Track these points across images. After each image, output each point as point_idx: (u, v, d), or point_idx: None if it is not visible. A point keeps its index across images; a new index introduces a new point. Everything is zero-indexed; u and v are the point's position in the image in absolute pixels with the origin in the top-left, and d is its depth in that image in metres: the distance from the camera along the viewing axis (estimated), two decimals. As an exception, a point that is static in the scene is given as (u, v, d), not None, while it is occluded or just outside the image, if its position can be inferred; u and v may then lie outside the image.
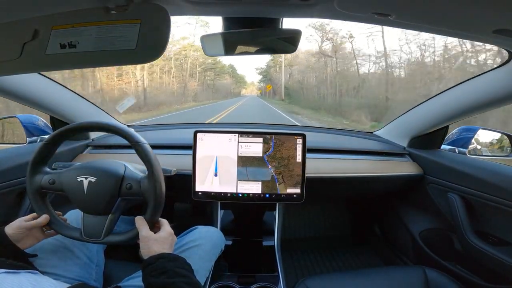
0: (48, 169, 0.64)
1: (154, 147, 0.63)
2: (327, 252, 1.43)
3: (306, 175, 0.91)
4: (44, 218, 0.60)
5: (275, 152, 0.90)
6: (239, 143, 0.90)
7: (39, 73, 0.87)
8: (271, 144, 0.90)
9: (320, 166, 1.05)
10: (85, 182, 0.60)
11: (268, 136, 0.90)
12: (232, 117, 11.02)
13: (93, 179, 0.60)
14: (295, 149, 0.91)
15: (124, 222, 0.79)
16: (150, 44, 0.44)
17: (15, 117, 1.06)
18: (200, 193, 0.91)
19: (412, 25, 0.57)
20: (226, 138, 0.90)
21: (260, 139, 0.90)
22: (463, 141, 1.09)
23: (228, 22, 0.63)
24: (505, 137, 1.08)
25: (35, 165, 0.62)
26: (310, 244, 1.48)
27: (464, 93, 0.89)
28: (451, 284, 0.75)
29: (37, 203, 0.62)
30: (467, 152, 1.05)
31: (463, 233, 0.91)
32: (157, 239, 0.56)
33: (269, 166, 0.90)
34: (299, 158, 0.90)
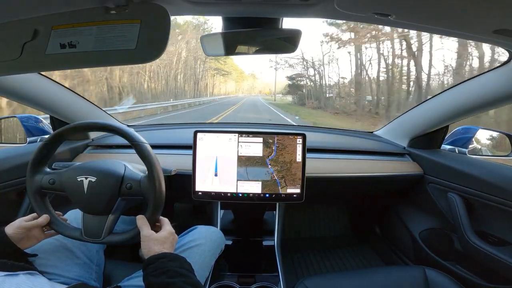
0: (48, 169, 0.64)
1: (154, 147, 0.63)
2: (327, 252, 1.43)
3: (306, 175, 0.90)
4: (44, 218, 0.60)
5: (278, 156, 0.90)
6: (239, 143, 0.90)
7: (39, 73, 0.87)
8: (273, 148, 0.90)
9: (320, 166, 1.05)
10: (85, 182, 0.60)
11: (270, 140, 0.90)
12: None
13: (93, 179, 0.60)
14: (295, 149, 0.91)
15: (124, 222, 0.79)
16: (150, 44, 0.44)
17: (15, 117, 1.06)
18: (200, 193, 0.91)
19: (412, 25, 0.57)
20: (226, 138, 0.90)
21: (260, 139, 0.90)
22: (463, 141, 1.09)
23: (228, 22, 0.63)
24: (505, 137, 1.08)
25: (35, 165, 0.62)
26: (310, 244, 1.48)
27: (464, 93, 0.89)
28: (451, 284, 0.75)
29: (37, 203, 0.62)
30: (467, 152, 1.05)
31: (463, 233, 0.91)
32: (158, 239, 0.56)
33: (269, 166, 0.90)
34: (299, 158, 0.90)
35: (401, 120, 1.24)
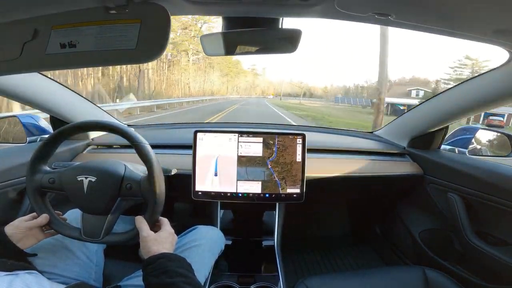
0: (48, 169, 0.64)
1: (154, 146, 0.63)
2: (327, 252, 1.43)
3: (306, 175, 0.90)
4: (43, 217, 0.60)
5: (279, 157, 0.90)
6: (239, 143, 0.90)
7: (39, 73, 0.86)
8: (274, 150, 0.90)
9: (321, 166, 1.05)
10: (85, 182, 0.59)
11: (270, 141, 0.90)
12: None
13: (93, 179, 0.60)
14: (296, 149, 0.90)
15: (124, 222, 0.79)
16: (150, 44, 0.44)
17: (15, 116, 1.06)
18: (200, 193, 0.90)
19: (412, 25, 0.57)
20: (226, 138, 0.90)
21: (260, 139, 0.90)
22: (463, 141, 1.09)
23: (228, 22, 0.63)
24: (505, 137, 1.08)
25: (35, 164, 0.62)
26: (310, 244, 1.48)
27: (464, 93, 0.89)
28: (451, 284, 0.75)
29: (37, 202, 0.62)
30: (467, 152, 1.05)
31: (463, 233, 0.91)
32: (157, 239, 0.56)
33: (270, 167, 0.90)
34: (299, 158, 0.90)
35: (401, 120, 1.24)
